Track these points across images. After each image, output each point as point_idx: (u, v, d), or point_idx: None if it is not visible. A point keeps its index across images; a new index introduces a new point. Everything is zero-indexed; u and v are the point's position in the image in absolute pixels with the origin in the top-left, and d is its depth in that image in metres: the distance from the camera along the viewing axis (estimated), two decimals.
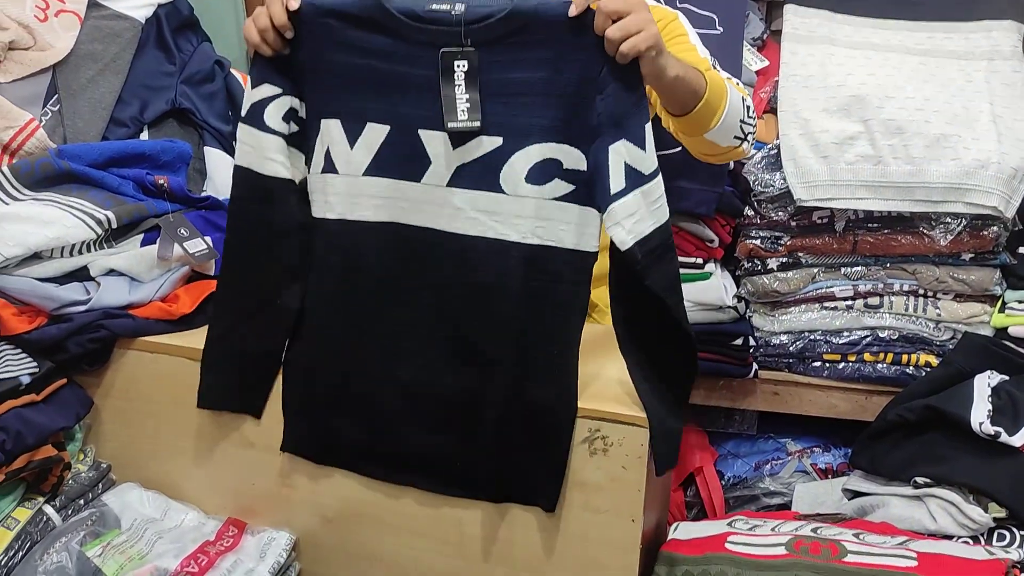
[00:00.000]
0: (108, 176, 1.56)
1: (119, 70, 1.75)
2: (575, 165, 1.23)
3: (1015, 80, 1.85)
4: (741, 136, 1.47)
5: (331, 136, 1.30)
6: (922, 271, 1.89)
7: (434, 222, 1.27)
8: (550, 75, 1.20)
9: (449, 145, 1.24)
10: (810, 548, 1.39)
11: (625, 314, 1.27)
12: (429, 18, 1.21)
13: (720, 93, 1.40)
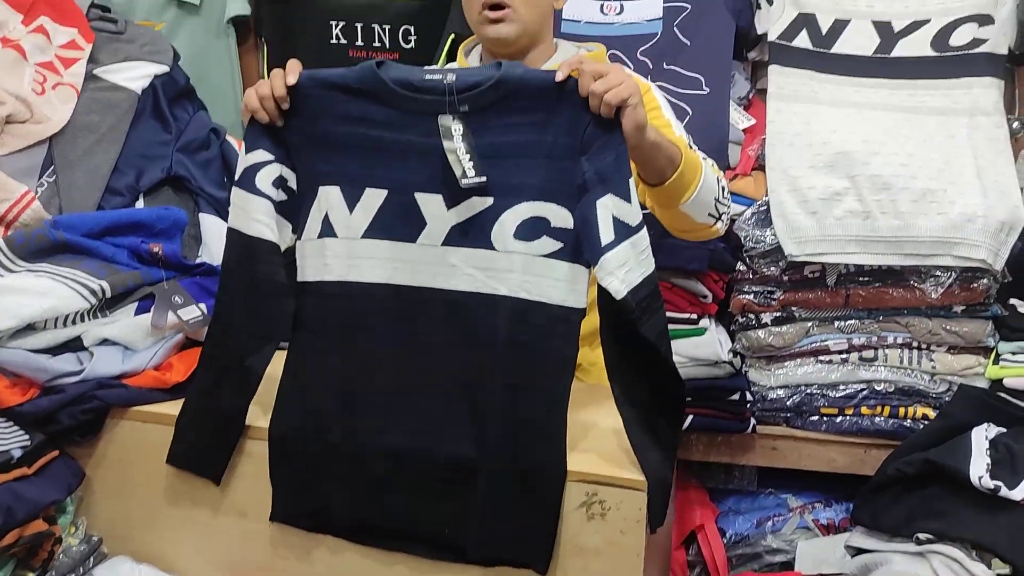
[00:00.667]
0: (103, 245, 1.58)
1: (115, 140, 1.78)
2: (562, 223, 1.27)
3: (997, 135, 1.88)
4: (715, 215, 1.52)
5: (330, 202, 1.33)
6: (915, 324, 1.89)
7: (431, 281, 1.31)
8: (537, 138, 1.25)
9: (444, 206, 1.29)
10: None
11: (620, 367, 1.29)
12: (423, 87, 1.27)
13: (695, 167, 1.45)
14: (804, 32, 2.01)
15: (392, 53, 2.20)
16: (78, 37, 1.83)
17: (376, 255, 1.32)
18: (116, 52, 1.86)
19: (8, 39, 1.77)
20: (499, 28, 1.59)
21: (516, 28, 1.59)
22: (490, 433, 1.28)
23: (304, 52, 2.22)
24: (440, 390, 1.30)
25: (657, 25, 2.02)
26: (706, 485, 2.14)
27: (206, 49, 2.23)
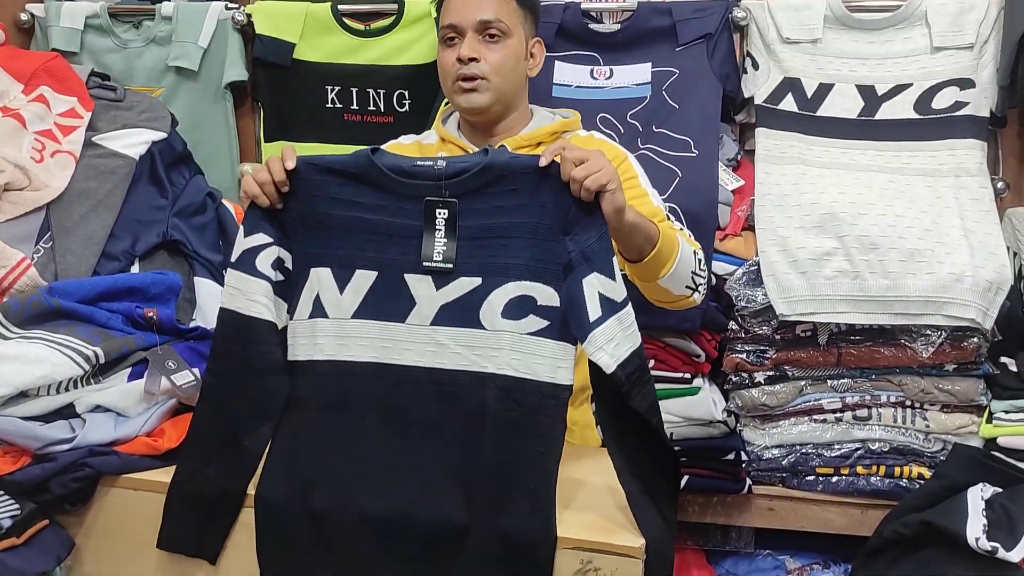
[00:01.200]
0: (97, 311, 1.58)
1: (112, 206, 1.80)
2: (548, 302, 1.29)
3: (982, 195, 1.91)
4: (692, 286, 1.56)
5: (321, 283, 1.35)
6: (907, 383, 1.90)
7: (419, 360, 1.32)
8: (523, 219, 1.29)
9: (433, 287, 1.31)
10: None
11: (620, 441, 1.31)
12: (414, 173, 1.32)
13: (672, 243, 1.49)
14: (790, 95, 2.05)
15: (387, 117, 2.23)
16: (77, 106, 1.86)
17: (365, 335, 1.34)
18: (115, 120, 1.89)
19: (8, 108, 1.80)
20: (472, 97, 1.64)
21: (489, 97, 1.64)
22: (478, 502, 1.27)
23: (300, 116, 2.26)
24: (428, 464, 1.30)
25: (646, 89, 2.06)
26: (703, 547, 2.12)
27: (203, 114, 2.27)
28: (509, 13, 1.65)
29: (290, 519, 1.36)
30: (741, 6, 2.07)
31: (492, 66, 1.63)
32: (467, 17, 1.63)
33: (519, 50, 1.67)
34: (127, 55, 2.27)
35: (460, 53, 1.63)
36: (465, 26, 1.63)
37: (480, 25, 1.63)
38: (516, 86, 1.68)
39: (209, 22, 2.23)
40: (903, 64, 2.02)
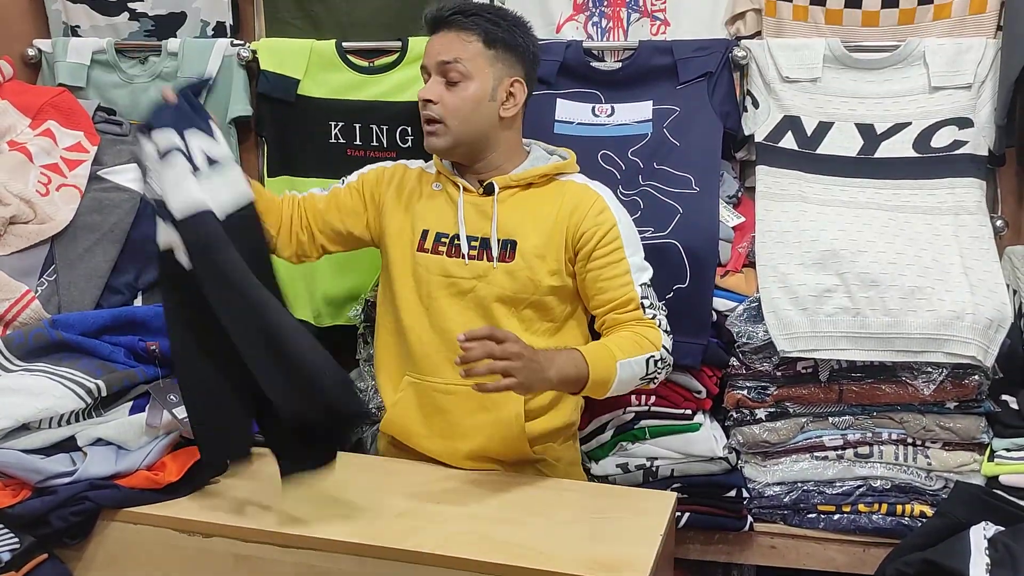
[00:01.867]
0: (100, 344, 1.59)
1: (116, 239, 1.81)
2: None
3: (982, 234, 1.92)
4: (645, 382, 1.66)
5: None
6: (909, 420, 1.90)
7: None
8: None
9: None
10: None
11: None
12: None
13: (607, 373, 1.57)
14: (790, 134, 2.07)
15: (389, 152, 2.25)
16: (84, 140, 1.88)
17: None
18: (120, 154, 1.91)
19: (15, 142, 1.82)
20: (430, 140, 1.69)
21: (446, 140, 1.68)
22: None
23: (303, 152, 2.28)
24: None
25: (647, 126, 2.08)
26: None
27: None
28: (472, 55, 1.66)
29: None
30: (741, 45, 2.10)
31: (448, 109, 1.66)
32: (431, 58, 1.68)
33: (481, 92, 1.67)
34: (133, 90, 2.29)
35: (419, 93, 1.69)
36: (429, 67, 1.68)
37: (439, 67, 1.66)
38: (481, 128, 1.69)
39: (215, 58, 2.26)
40: (902, 103, 2.04)
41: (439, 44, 1.67)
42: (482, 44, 1.67)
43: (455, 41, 1.66)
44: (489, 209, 1.70)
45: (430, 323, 1.70)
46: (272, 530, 1.42)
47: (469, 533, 1.40)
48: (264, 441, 1.51)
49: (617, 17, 2.17)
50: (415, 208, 1.76)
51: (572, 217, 1.68)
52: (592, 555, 1.32)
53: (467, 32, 1.66)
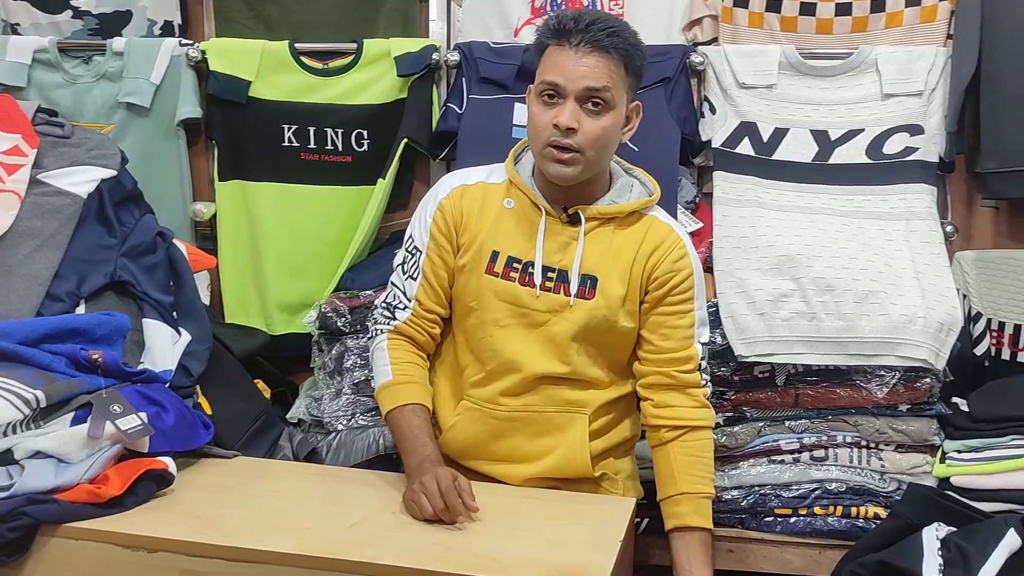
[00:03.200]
0: (39, 353, 1.54)
1: (57, 245, 1.75)
2: None
3: (932, 239, 1.95)
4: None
5: None
6: (863, 423, 1.91)
7: None
8: None
9: None
10: None
11: None
12: None
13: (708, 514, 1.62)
14: (746, 139, 2.09)
15: (345, 156, 2.22)
16: (21, 143, 1.82)
17: None
18: (62, 157, 1.85)
19: None
20: (563, 170, 1.53)
21: (580, 171, 1.54)
22: None
23: (255, 155, 2.24)
24: None
25: None
26: None
27: (155, 151, 2.24)
28: (617, 82, 1.52)
29: None
30: (699, 51, 2.11)
31: (590, 140, 1.51)
32: (573, 81, 1.50)
33: (619, 121, 1.56)
34: (76, 90, 2.24)
35: (559, 120, 1.50)
36: (569, 90, 1.51)
37: (585, 93, 1.50)
38: (608, 156, 1.59)
39: (162, 58, 2.21)
40: (855, 110, 2.07)
41: (585, 66, 1.50)
42: (625, 71, 1.53)
43: (603, 66, 1.50)
44: (572, 240, 1.59)
45: (494, 349, 1.60)
46: (220, 544, 1.37)
47: (425, 543, 1.37)
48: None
49: None
50: (482, 225, 1.61)
51: (651, 257, 1.60)
52: (551, 562, 1.31)
53: (614, 57, 1.51)
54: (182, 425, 1.60)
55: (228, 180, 2.25)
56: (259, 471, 1.68)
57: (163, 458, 1.53)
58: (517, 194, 1.62)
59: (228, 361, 1.95)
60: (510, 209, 1.61)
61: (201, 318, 1.86)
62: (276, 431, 1.95)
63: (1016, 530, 1.59)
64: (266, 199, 2.23)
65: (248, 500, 1.53)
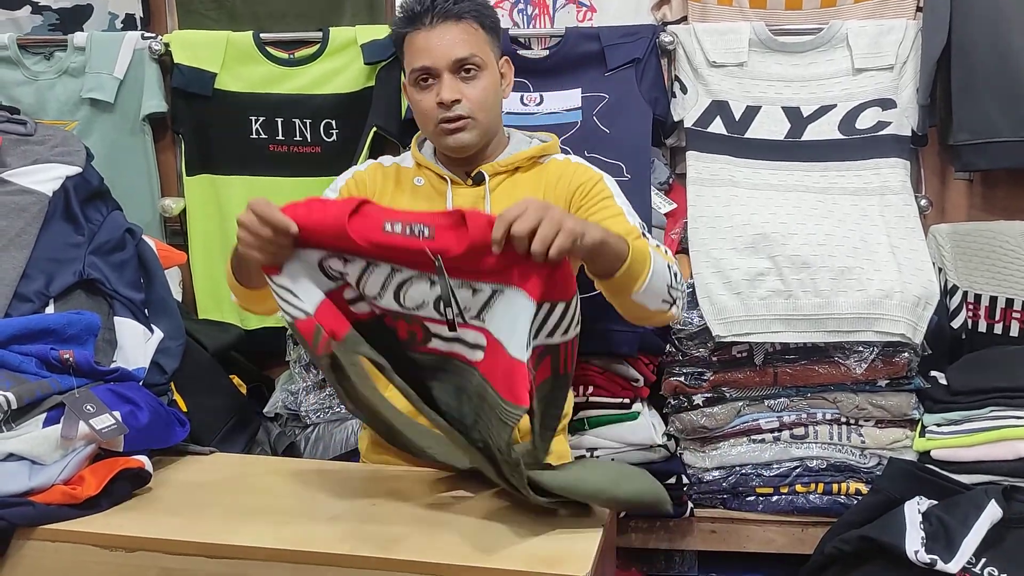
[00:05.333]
0: (8, 354, 1.51)
1: (24, 245, 1.72)
2: None
3: (907, 212, 1.96)
4: (670, 300, 1.49)
5: None
6: (842, 399, 1.92)
7: None
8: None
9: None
10: None
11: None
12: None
13: (644, 257, 1.43)
14: (718, 119, 2.08)
15: (314, 147, 2.19)
16: None
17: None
18: (25, 155, 1.81)
19: None
20: (460, 137, 1.60)
21: (476, 134, 1.61)
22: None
23: (223, 148, 2.21)
24: None
25: (577, 114, 2.07)
26: (647, 572, 2.11)
27: (121, 147, 2.21)
28: (480, 43, 1.59)
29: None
30: (668, 31, 2.10)
31: (475, 103, 1.58)
32: (441, 58, 1.57)
33: (495, 78, 1.63)
34: (38, 87, 2.20)
35: (441, 97, 1.57)
36: (440, 67, 1.57)
37: (456, 64, 1.57)
38: (497, 115, 1.66)
39: (124, 52, 2.17)
40: (827, 86, 2.07)
41: (445, 41, 1.57)
42: (483, 30, 1.61)
43: (461, 34, 1.58)
44: (480, 198, 1.62)
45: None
46: (199, 541, 1.36)
47: (407, 534, 1.36)
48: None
49: (543, 4, 2.15)
50: (397, 200, 1.66)
51: (559, 185, 1.61)
52: (534, 550, 1.30)
53: (467, 21, 1.59)
54: (157, 423, 1.58)
55: (196, 174, 2.22)
56: (237, 467, 1.66)
57: (139, 456, 1.51)
58: (425, 172, 1.68)
59: (202, 357, 1.93)
60: (421, 187, 1.67)
61: (173, 314, 1.83)
62: (253, 426, 1.93)
63: (997, 501, 1.60)
64: (236, 192, 2.20)
65: (226, 496, 1.51)
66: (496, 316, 1.25)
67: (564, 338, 1.25)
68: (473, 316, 1.27)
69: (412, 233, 1.23)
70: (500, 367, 1.24)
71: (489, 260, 1.22)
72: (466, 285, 1.25)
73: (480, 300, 1.25)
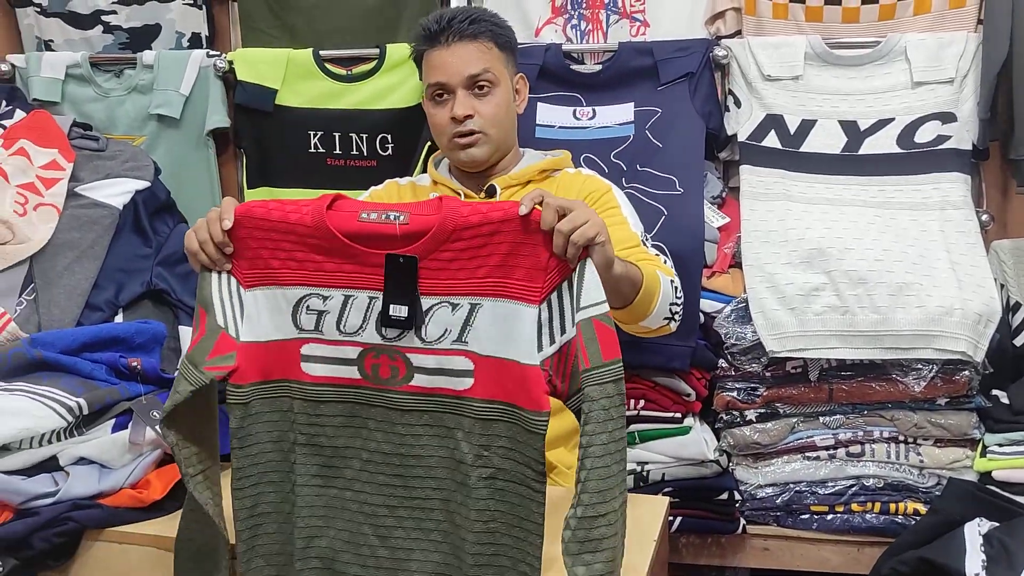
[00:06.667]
0: (80, 362, 1.57)
1: (96, 256, 1.79)
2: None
3: (968, 228, 1.92)
4: (670, 316, 1.55)
5: None
6: (900, 417, 1.89)
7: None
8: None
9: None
10: None
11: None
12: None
13: (655, 282, 1.46)
14: (773, 132, 2.07)
15: (370, 161, 2.23)
16: (58, 157, 1.86)
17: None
18: (97, 169, 1.89)
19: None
20: (471, 152, 1.65)
21: (487, 149, 1.66)
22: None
23: (282, 162, 2.26)
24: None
25: (629, 128, 2.07)
26: None
27: (186, 161, 2.27)
28: (494, 61, 1.66)
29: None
30: (722, 45, 2.10)
31: (487, 119, 1.64)
32: (454, 75, 1.63)
33: (508, 95, 1.69)
34: (109, 104, 2.27)
35: (454, 112, 1.63)
36: (454, 84, 1.64)
37: (469, 81, 1.64)
38: (509, 130, 1.71)
39: (190, 70, 2.24)
40: (884, 99, 2.04)
41: (459, 59, 1.63)
42: (497, 48, 1.67)
43: (475, 51, 1.64)
44: None
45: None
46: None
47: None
48: None
49: (596, 19, 2.16)
50: None
51: (568, 195, 1.63)
52: None
53: (482, 40, 1.65)
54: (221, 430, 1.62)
55: (257, 187, 2.27)
56: None
57: None
58: (439, 188, 1.71)
59: None
60: None
61: None
62: None
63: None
64: None
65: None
66: (480, 334, 1.21)
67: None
68: (455, 339, 1.22)
69: (388, 220, 1.21)
70: (507, 380, 1.20)
71: (463, 252, 1.18)
72: (444, 303, 1.21)
73: (460, 318, 1.21)
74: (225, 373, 1.26)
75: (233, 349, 1.26)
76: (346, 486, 1.28)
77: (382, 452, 1.26)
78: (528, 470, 1.20)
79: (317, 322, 1.26)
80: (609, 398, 1.14)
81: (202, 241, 1.26)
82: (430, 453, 1.25)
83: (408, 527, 1.26)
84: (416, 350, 1.24)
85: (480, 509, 1.21)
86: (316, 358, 1.27)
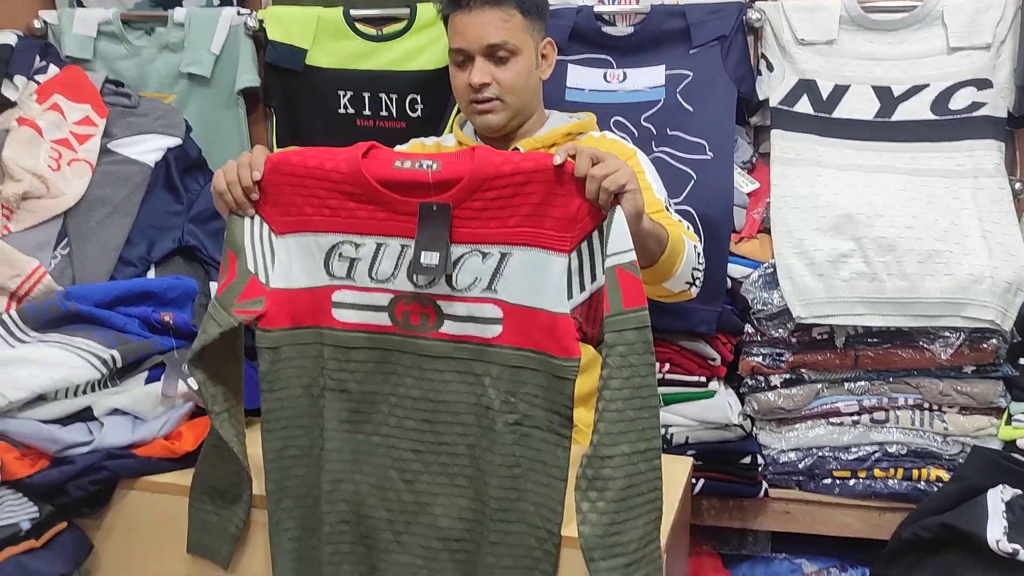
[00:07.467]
0: (114, 315, 1.59)
1: (128, 212, 1.81)
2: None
3: (1001, 196, 1.90)
4: (691, 281, 1.55)
5: None
6: (926, 385, 1.88)
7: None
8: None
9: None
10: None
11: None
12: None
13: (679, 243, 1.47)
14: (805, 97, 2.04)
15: (399, 122, 2.23)
16: (92, 113, 1.87)
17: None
18: (130, 126, 1.90)
19: (24, 118, 1.81)
20: (487, 118, 1.66)
21: (504, 116, 1.66)
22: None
23: (312, 122, 2.27)
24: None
25: (660, 92, 2.05)
26: (719, 551, 2.11)
27: (216, 120, 2.27)
28: (515, 30, 1.64)
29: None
30: (755, 7, 2.07)
31: (505, 87, 1.65)
32: (474, 42, 1.63)
33: (529, 63, 1.68)
34: (140, 61, 2.28)
35: (471, 79, 1.64)
36: (473, 51, 1.64)
37: (488, 49, 1.63)
38: (530, 96, 1.70)
39: (221, 28, 2.24)
40: (919, 65, 2.01)
41: (480, 26, 1.62)
42: (521, 16, 1.65)
43: (496, 20, 1.62)
44: None
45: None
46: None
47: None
48: None
49: None
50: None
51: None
52: None
53: (505, 7, 1.63)
54: (251, 383, 1.65)
55: (286, 147, 2.28)
56: None
57: None
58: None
59: None
60: None
61: None
62: None
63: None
64: None
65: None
66: (510, 283, 1.23)
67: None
68: (485, 288, 1.24)
69: (421, 168, 1.23)
70: (536, 328, 1.22)
71: (494, 202, 1.20)
72: (475, 251, 1.24)
73: (490, 267, 1.23)
74: (253, 317, 1.29)
75: (263, 294, 1.29)
76: (374, 431, 1.30)
77: (411, 398, 1.28)
78: (555, 416, 1.23)
79: (349, 269, 1.28)
80: (629, 345, 1.15)
81: (230, 183, 1.27)
82: (458, 399, 1.27)
83: (434, 472, 1.28)
84: (446, 298, 1.26)
85: (505, 455, 1.24)
86: (347, 305, 1.29)
